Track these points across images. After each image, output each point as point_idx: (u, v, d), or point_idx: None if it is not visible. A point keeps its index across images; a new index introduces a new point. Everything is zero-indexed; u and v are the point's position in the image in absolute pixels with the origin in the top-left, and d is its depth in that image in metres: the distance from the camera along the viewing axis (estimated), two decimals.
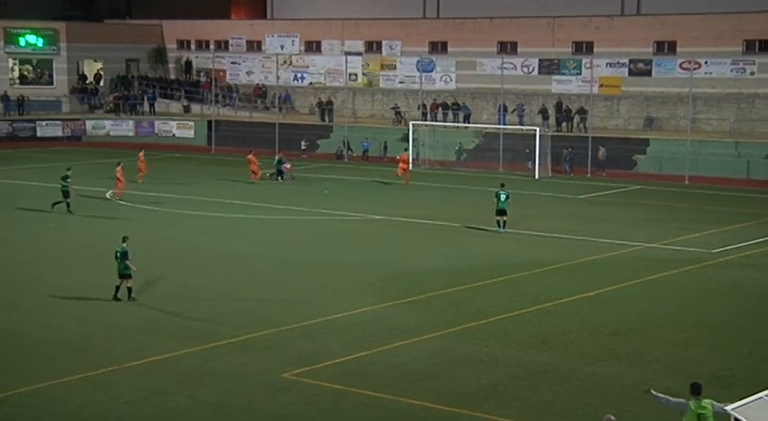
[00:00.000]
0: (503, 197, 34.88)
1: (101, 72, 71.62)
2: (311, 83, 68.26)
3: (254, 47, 71.04)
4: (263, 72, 69.41)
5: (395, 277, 28.05)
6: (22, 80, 69.50)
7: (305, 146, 59.12)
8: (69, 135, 64.85)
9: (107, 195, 41.34)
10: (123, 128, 65.90)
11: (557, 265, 29.64)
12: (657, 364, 15.33)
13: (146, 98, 68.12)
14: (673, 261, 30.36)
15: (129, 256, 24.71)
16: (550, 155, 51.82)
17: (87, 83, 70.78)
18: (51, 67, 69.75)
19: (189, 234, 34.49)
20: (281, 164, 48.08)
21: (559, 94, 58.82)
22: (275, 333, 22.29)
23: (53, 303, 24.85)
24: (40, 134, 64.14)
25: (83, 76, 70.82)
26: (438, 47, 64.38)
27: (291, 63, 68.55)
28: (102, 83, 71.18)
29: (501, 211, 34.82)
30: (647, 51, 57.79)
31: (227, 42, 72.06)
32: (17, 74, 69.61)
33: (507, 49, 61.41)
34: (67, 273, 28.22)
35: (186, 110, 68.77)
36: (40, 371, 19.54)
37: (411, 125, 55.65)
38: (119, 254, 24.74)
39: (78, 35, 69.52)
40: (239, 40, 71.62)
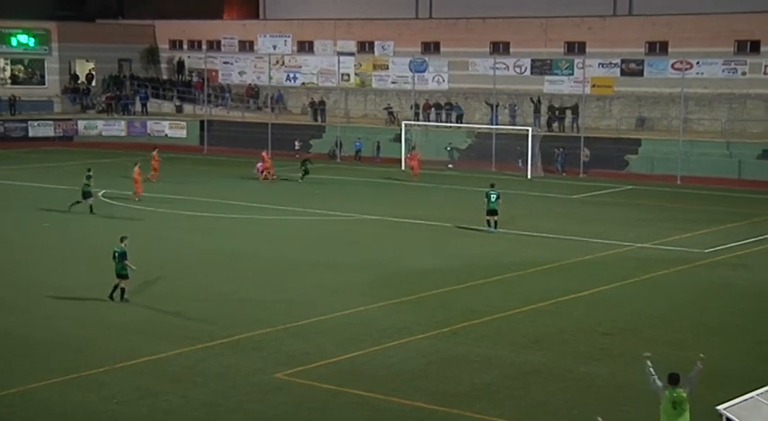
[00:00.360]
0: (493, 197, 34.93)
1: (93, 72, 71.50)
2: (304, 83, 68.25)
3: (246, 47, 71.01)
4: (255, 72, 69.38)
5: (388, 277, 28.06)
6: (14, 80, 69.38)
7: (299, 146, 59.09)
8: (61, 135, 64.75)
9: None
10: (115, 128, 65.82)
11: (549, 265, 29.67)
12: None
13: (138, 98, 68.04)
14: (665, 261, 30.42)
15: (128, 256, 24.71)
16: (542, 155, 51.94)
17: (79, 83, 70.69)
18: (43, 66, 69.64)
19: (183, 234, 34.46)
20: (306, 165, 47.69)
21: (551, 94, 58.93)
22: (269, 333, 22.28)
23: (50, 304, 24.79)
24: (32, 134, 64.04)
25: (75, 76, 70.72)
26: (431, 47, 64.41)
27: (284, 63, 68.54)
28: (95, 83, 71.08)
29: (492, 211, 34.87)
30: (639, 52, 57.90)
31: (219, 42, 72.01)
32: (8, 74, 69.50)
33: (500, 49, 61.48)
34: (65, 273, 28.14)
35: (178, 110, 68.72)
36: (34, 372, 19.51)
37: (403, 125, 55.68)
38: (117, 254, 24.73)
39: (70, 35, 69.43)
40: (231, 40, 71.57)
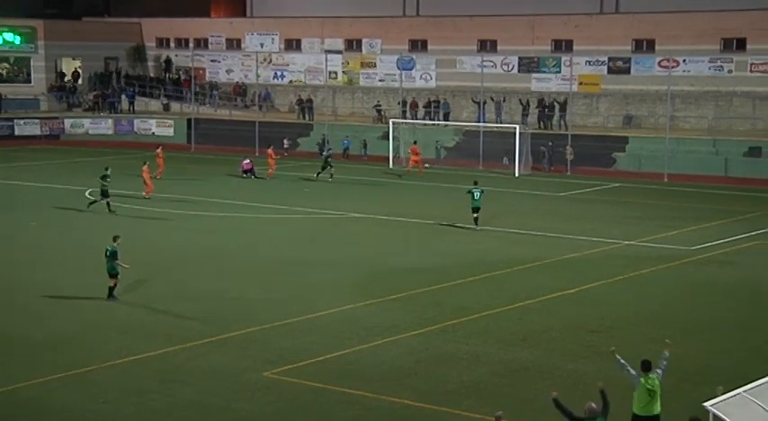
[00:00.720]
0: (477, 194, 35.03)
1: (79, 70, 71.24)
2: (291, 81, 68.17)
3: (233, 45, 70.86)
4: (242, 70, 69.28)
5: (376, 275, 28.07)
6: (0, 78, 69.07)
7: (287, 144, 58.97)
8: (48, 133, 64.48)
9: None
10: (102, 126, 65.58)
11: (537, 263, 29.72)
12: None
13: (125, 96, 67.85)
14: (652, 258, 30.50)
15: (119, 255, 24.67)
16: (530, 152, 52.02)
17: (65, 81, 70.44)
18: (29, 64, 69.35)
19: (172, 232, 34.38)
20: (328, 162, 47.52)
21: (539, 92, 58.98)
22: (257, 331, 22.27)
23: (37, 302, 24.71)
24: (18, 133, 63.72)
25: (61, 75, 70.46)
26: (418, 45, 64.41)
27: (271, 61, 68.44)
28: (81, 81, 70.83)
29: (476, 209, 35.05)
30: (625, 49, 58.01)
31: (206, 40, 71.83)
32: None
33: (487, 47, 61.52)
34: (53, 271, 28.07)
35: (166, 108, 68.54)
36: (22, 371, 19.45)
37: (391, 123, 55.68)
38: (108, 253, 24.70)
39: (56, 33, 69.18)
40: (219, 38, 71.42)
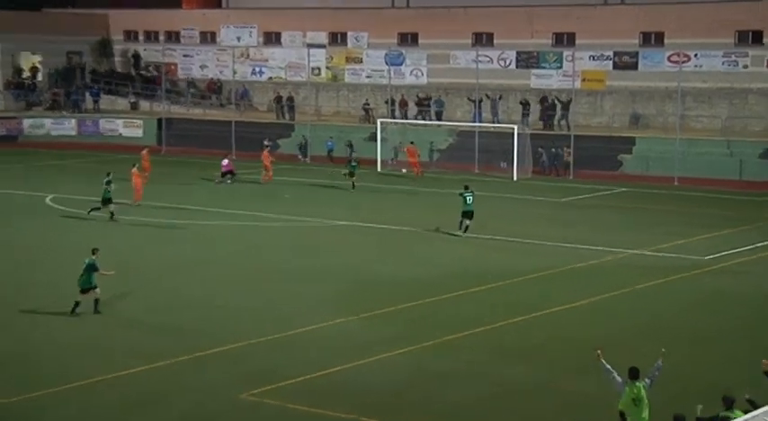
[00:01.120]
0: (469, 199, 35.20)
1: (38, 65, 71.04)
2: (270, 77, 68.21)
3: (207, 38, 70.90)
4: (218, 66, 69.26)
5: (364, 287, 28.17)
6: None
7: (268, 144, 58.93)
8: (4, 134, 64.30)
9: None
10: (65, 126, 65.47)
11: (537, 274, 29.83)
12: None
13: (89, 94, 67.75)
14: (662, 269, 30.65)
15: (99, 267, 24.83)
16: (531, 154, 52.21)
17: (23, 77, 70.22)
18: None
19: (145, 242, 34.33)
20: (355, 167, 47.34)
21: (539, 89, 59.18)
22: (236, 349, 22.28)
23: (5, 318, 24.78)
24: None
25: (18, 70, 70.25)
26: (408, 39, 64.56)
27: (249, 56, 68.48)
28: (41, 77, 70.66)
29: (467, 214, 35.20)
30: (632, 43, 58.24)
31: (178, 33, 71.86)
32: None
33: (483, 40, 61.70)
34: (18, 285, 28.16)
35: (134, 107, 68.49)
36: None
37: (379, 123, 55.77)
38: (86, 266, 24.85)
39: (14, 25, 68.90)
40: (191, 31, 71.44)
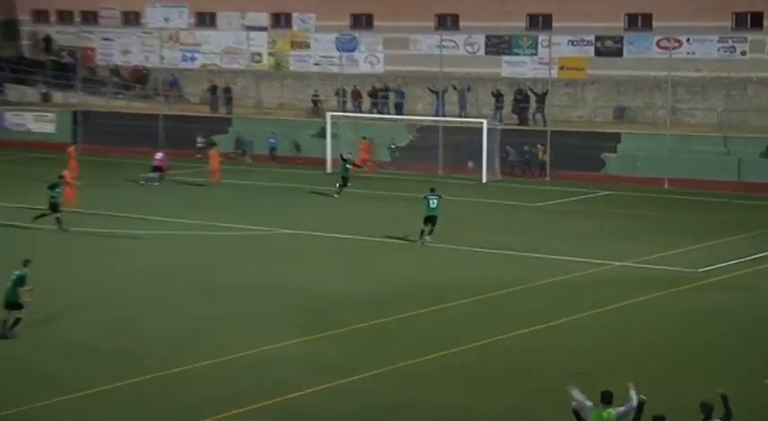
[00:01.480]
0: (432, 202, 35.59)
1: None
2: (204, 65, 68.15)
3: (131, 19, 70.72)
4: (143, 51, 69.08)
5: (317, 304, 28.43)
6: None
7: (201, 143, 58.93)
8: None
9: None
10: None
11: (510, 289, 30.14)
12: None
13: None
14: (651, 283, 31.05)
15: (26, 283, 25.00)
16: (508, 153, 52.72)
17: None
18: None
19: (56, 256, 34.19)
20: (347, 169, 46.98)
21: (511, 78, 59.55)
22: (170, 376, 22.33)
23: None
24: None
25: None
26: (362, 21, 64.75)
27: (179, 40, 68.36)
28: None
29: (430, 219, 35.61)
30: (617, 26, 58.68)
31: (95, 14, 71.57)
32: None
33: (447, 23, 62.05)
34: None
35: (45, 98, 68.16)
36: None
37: (329, 117, 55.92)
38: (14, 279, 25.02)
39: None
40: (112, 10, 71.18)
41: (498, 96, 57.15)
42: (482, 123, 52.47)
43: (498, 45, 60.71)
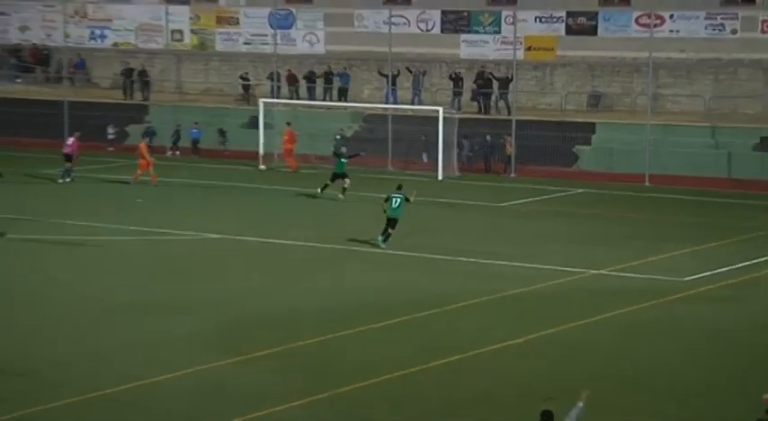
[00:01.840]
0: (395, 201, 35.79)
1: None
2: (116, 43, 67.87)
3: None
4: (43, 27, 68.69)
5: (245, 321, 28.36)
6: None
7: (113, 134, 58.55)
8: None
9: None
10: None
11: (470, 301, 30.22)
12: None
13: None
14: (630, 294, 31.24)
15: None
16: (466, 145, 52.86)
17: None
18: None
19: None
20: (342, 163, 46.36)
21: (471, 60, 59.73)
22: (72, 405, 22.22)
23: None
24: None
25: None
26: None
27: (86, 15, 68.03)
28: None
29: (390, 221, 35.89)
30: (590, 2, 59.04)
31: None
32: None
33: None
34: None
35: None
36: None
37: (261, 103, 55.84)
38: None
39: None
40: None
41: (456, 81, 57.33)
42: (438, 111, 52.64)
43: (456, 22, 60.87)
